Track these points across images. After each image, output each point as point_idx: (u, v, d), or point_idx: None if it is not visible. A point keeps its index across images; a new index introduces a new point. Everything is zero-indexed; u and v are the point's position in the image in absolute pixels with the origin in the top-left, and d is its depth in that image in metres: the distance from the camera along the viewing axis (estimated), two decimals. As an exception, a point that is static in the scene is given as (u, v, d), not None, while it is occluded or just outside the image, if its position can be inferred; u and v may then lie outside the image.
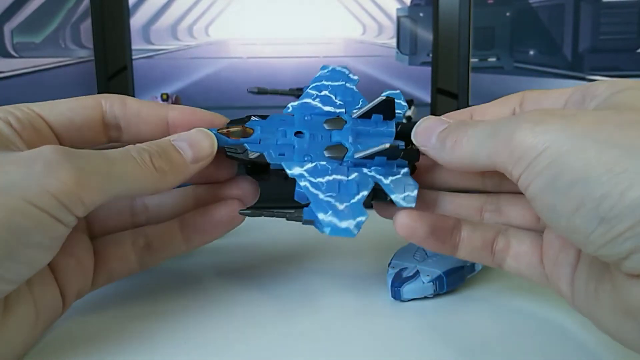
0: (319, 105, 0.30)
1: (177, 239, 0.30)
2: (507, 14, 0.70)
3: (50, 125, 0.28)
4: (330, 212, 0.26)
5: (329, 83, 0.32)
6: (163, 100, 0.66)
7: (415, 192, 0.27)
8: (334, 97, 0.31)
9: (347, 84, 0.32)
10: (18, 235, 0.21)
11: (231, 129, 0.28)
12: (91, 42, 0.73)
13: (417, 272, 0.31)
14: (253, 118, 0.30)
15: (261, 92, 0.31)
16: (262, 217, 0.28)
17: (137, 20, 0.72)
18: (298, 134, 0.29)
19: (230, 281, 0.32)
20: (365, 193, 0.27)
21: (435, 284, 0.30)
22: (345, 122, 0.29)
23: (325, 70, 0.33)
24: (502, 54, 0.71)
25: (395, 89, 0.33)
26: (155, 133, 0.29)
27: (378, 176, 0.28)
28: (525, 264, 0.27)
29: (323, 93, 0.31)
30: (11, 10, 0.70)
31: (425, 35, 0.73)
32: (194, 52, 0.74)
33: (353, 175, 0.28)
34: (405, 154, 0.28)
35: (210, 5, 0.73)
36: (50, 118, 0.28)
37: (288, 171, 0.27)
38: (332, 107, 0.30)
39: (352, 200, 0.27)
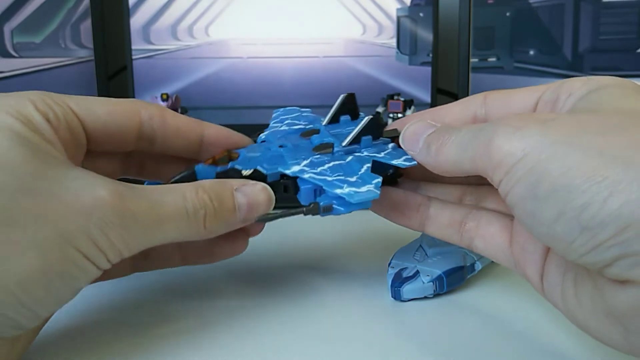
0: (287, 128, 0.31)
1: (175, 256, 0.31)
2: (507, 14, 0.70)
3: (85, 127, 0.27)
4: (345, 185, 0.26)
5: (287, 116, 0.33)
6: (163, 100, 0.66)
7: (408, 156, 0.28)
8: (297, 122, 0.32)
9: (303, 113, 0.33)
10: (70, 283, 0.23)
11: (217, 157, 0.28)
12: (91, 42, 0.73)
13: (417, 272, 0.31)
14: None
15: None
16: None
17: (137, 20, 0.72)
18: (280, 147, 0.29)
19: (229, 281, 0.32)
20: (368, 165, 0.27)
21: (435, 284, 0.30)
22: (319, 131, 0.30)
23: (279, 112, 0.34)
24: (502, 54, 0.71)
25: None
26: (188, 149, 0.30)
27: (372, 154, 0.28)
28: (493, 246, 0.27)
29: (286, 122, 0.32)
30: (11, 10, 0.70)
31: (425, 35, 0.73)
32: (194, 52, 0.74)
33: (349, 158, 0.28)
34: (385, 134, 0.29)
35: (210, 5, 0.73)
36: (87, 120, 0.26)
37: (288, 172, 0.27)
38: (300, 126, 0.32)
39: (361, 172, 0.27)
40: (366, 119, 0.28)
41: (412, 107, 0.70)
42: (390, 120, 0.70)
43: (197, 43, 0.74)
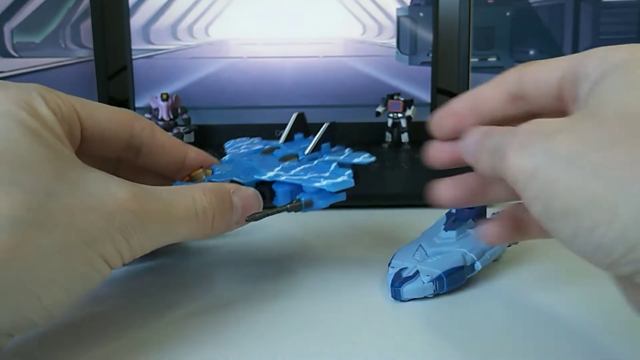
0: (246, 150, 0.34)
1: None
2: (507, 13, 0.70)
3: (83, 129, 0.27)
4: (322, 179, 0.28)
5: (240, 144, 0.35)
6: (163, 100, 0.66)
7: (367, 154, 0.31)
8: (253, 145, 0.34)
9: (254, 141, 0.36)
10: (86, 284, 0.23)
11: (192, 174, 0.30)
12: (91, 42, 0.73)
13: (417, 272, 0.31)
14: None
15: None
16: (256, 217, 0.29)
17: (137, 20, 0.72)
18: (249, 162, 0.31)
19: (229, 282, 0.32)
20: (335, 164, 0.30)
21: (435, 284, 0.30)
22: (279, 148, 0.32)
23: (230, 142, 0.36)
24: (502, 54, 0.71)
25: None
26: (169, 167, 0.31)
27: (334, 158, 0.31)
28: None
29: (242, 147, 0.34)
30: (11, 10, 0.70)
31: (425, 35, 0.73)
32: (194, 52, 0.74)
33: (315, 162, 0.30)
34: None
35: (210, 5, 0.73)
36: (87, 123, 0.27)
37: (264, 177, 0.29)
38: (259, 147, 0.34)
39: (331, 168, 0.29)
40: (324, 126, 0.31)
41: (412, 107, 0.70)
42: (390, 120, 0.70)
43: (197, 43, 0.74)
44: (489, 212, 0.32)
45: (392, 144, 0.69)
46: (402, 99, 0.69)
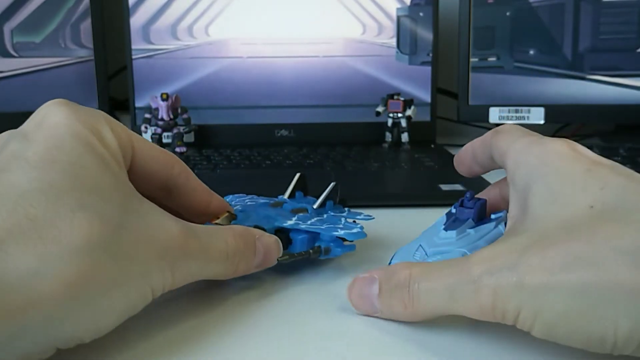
0: (253, 203, 0.36)
1: None
2: (507, 13, 0.70)
3: (133, 162, 0.27)
4: (338, 229, 0.32)
5: (242, 198, 0.37)
6: (163, 100, 0.66)
7: (362, 216, 0.35)
8: (256, 200, 0.37)
9: (253, 197, 0.37)
10: (132, 313, 0.23)
11: (220, 216, 0.31)
12: (91, 42, 0.73)
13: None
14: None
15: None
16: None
17: (137, 20, 0.72)
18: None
19: (228, 282, 0.32)
20: (344, 219, 0.34)
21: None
22: (285, 202, 0.35)
23: (229, 197, 0.37)
24: (502, 54, 0.71)
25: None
26: (194, 209, 0.31)
27: (337, 214, 0.35)
28: None
29: (246, 200, 0.37)
30: (11, 10, 0.70)
31: (425, 35, 0.73)
32: (194, 51, 0.74)
33: (325, 216, 0.34)
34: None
35: (210, 5, 0.73)
36: (137, 157, 0.27)
37: (285, 225, 0.32)
38: (264, 200, 0.36)
39: (343, 221, 0.33)
40: (331, 186, 0.35)
41: (412, 107, 0.70)
42: (390, 120, 0.70)
43: (197, 43, 0.74)
44: (489, 211, 0.32)
45: (392, 143, 0.69)
46: (402, 98, 0.69)
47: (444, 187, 0.49)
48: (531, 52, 0.70)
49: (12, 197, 0.21)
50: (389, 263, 0.32)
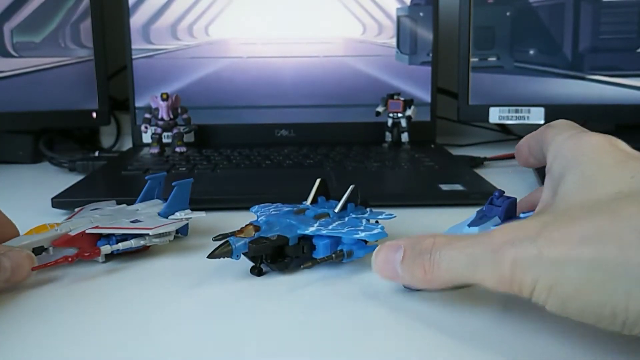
0: (277, 212, 0.36)
1: None
2: (507, 13, 0.70)
3: None
4: (359, 232, 0.32)
5: (267, 207, 0.38)
6: (163, 99, 0.66)
7: (383, 215, 0.36)
8: (280, 208, 0.37)
9: (278, 206, 0.38)
10: None
11: (244, 229, 0.32)
12: (91, 42, 0.73)
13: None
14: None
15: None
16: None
17: (137, 20, 0.73)
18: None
19: (227, 278, 0.32)
20: (365, 221, 0.34)
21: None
22: (308, 209, 0.35)
23: (255, 207, 0.38)
24: (502, 54, 0.71)
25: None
26: None
27: (359, 216, 0.36)
28: None
29: (271, 209, 0.37)
30: (11, 10, 0.70)
31: (425, 35, 0.73)
32: (193, 51, 0.74)
33: (347, 219, 0.35)
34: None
35: (210, 5, 0.73)
36: None
37: (307, 232, 0.32)
38: (288, 208, 0.36)
39: (364, 223, 0.34)
40: (350, 188, 0.36)
41: (412, 107, 0.70)
42: (390, 120, 0.70)
43: (197, 43, 0.74)
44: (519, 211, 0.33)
45: (392, 143, 0.69)
46: (402, 98, 0.69)
47: (444, 187, 0.49)
48: (531, 52, 0.70)
49: None
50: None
